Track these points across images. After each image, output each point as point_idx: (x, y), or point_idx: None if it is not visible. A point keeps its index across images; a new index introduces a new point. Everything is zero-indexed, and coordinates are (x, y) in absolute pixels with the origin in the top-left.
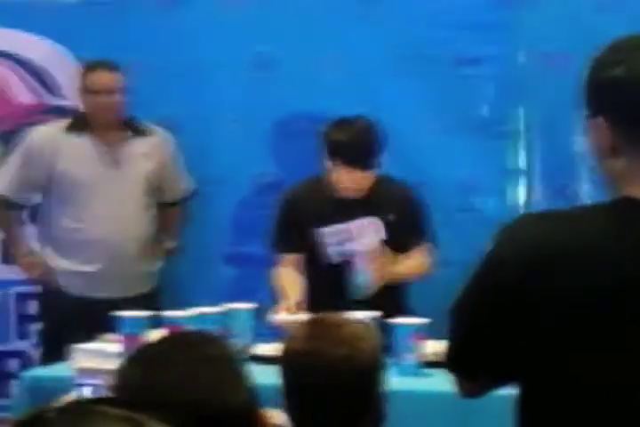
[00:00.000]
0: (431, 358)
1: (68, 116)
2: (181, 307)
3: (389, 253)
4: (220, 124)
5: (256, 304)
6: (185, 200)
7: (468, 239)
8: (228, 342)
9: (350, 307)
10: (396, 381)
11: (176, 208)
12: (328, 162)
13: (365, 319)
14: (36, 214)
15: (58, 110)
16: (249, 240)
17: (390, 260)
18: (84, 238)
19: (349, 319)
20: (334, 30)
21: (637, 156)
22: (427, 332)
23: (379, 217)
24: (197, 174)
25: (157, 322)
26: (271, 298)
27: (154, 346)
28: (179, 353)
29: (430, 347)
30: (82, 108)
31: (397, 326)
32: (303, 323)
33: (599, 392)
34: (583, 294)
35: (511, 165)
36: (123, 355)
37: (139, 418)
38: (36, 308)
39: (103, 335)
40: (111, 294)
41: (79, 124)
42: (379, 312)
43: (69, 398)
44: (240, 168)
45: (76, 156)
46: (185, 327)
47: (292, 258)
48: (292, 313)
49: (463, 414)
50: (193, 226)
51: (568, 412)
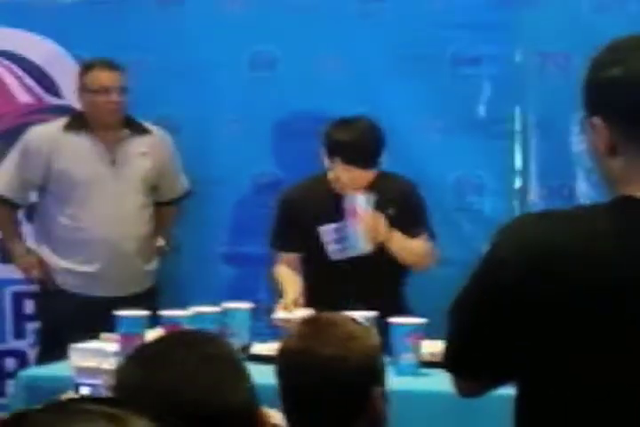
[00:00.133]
0: (428, 358)
1: (66, 116)
2: (180, 306)
3: (384, 220)
4: (220, 124)
5: (254, 304)
6: (180, 200)
7: (465, 239)
8: (227, 341)
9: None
10: (394, 381)
11: (171, 208)
12: (328, 161)
13: (363, 319)
14: (33, 213)
15: (57, 110)
16: (248, 240)
17: (386, 224)
18: (82, 237)
19: (346, 319)
20: (334, 30)
21: (636, 155)
22: (425, 332)
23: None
24: (197, 174)
25: (155, 321)
26: (270, 297)
27: (153, 345)
28: (178, 352)
29: (426, 347)
30: (81, 107)
31: (395, 325)
32: (300, 322)
33: (599, 392)
34: (583, 294)
35: (509, 164)
36: (120, 354)
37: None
38: (33, 307)
39: (101, 335)
40: (109, 293)
41: (77, 123)
42: (377, 312)
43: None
44: (239, 168)
45: (74, 155)
46: (183, 327)
47: (290, 257)
48: (289, 311)
49: (462, 413)
50: (192, 225)
51: (568, 412)
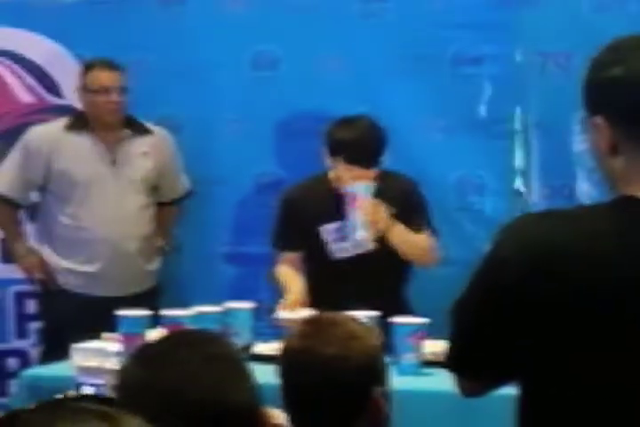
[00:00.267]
0: (430, 358)
1: (67, 116)
2: (181, 306)
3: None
4: (221, 124)
5: (256, 303)
6: (181, 200)
7: (466, 239)
8: (229, 340)
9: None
10: (395, 380)
11: (171, 208)
12: (330, 160)
13: (365, 319)
14: (35, 213)
15: (58, 109)
16: (250, 240)
17: (387, 213)
18: (83, 237)
19: (347, 319)
20: (336, 30)
21: (637, 155)
22: (427, 331)
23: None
24: (198, 174)
25: (157, 321)
26: (271, 297)
27: (155, 345)
28: (180, 352)
29: (428, 347)
30: (81, 106)
31: (397, 325)
32: (301, 321)
33: (600, 392)
34: (584, 294)
35: (510, 164)
36: (122, 354)
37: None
38: (35, 307)
39: (102, 334)
40: (111, 293)
41: (78, 123)
42: (378, 312)
43: None
44: (241, 168)
45: (75, 155)
46: (185, 326)
47: (291, 256)
48: (291, 311)
49: (464, 413)
50: (194, 225)
51: (569, 411)
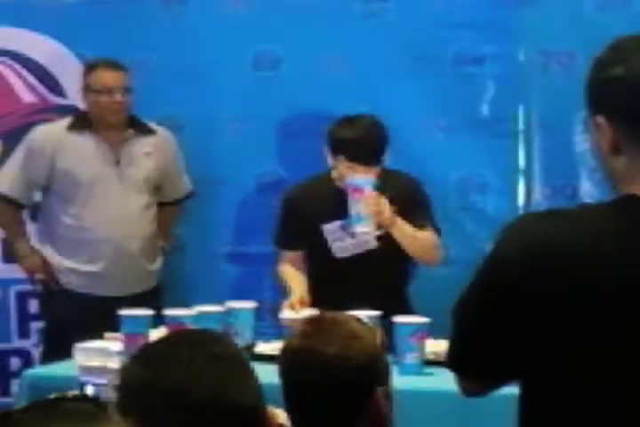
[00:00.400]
0: (431, 358)
1: (70, 116)
2: (184, 306)
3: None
4: (223, 124)
5: (258, 303)
6: (182, 200)
7: (468, 238)
8: (232, 340)
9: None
10: (397, 380)
11: (173, 208)
12: (332, 159)
13: (366, 318)
14: (37, 213)
15: (61, 109)
16: (251, 239)
17: (390, 208)
18: (86, 237)
19: (349, 318)
20: (337, 29)
21: (638, 154)
22: (428, 331)
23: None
24: (200, 174)
25: (159, 321)
26: (274, 297)
27: (158, 345)
28: (183, 352)
29: (430, 346)
30: (84, 106)
31: (399, 325)
32: (303, 320)
33: (602, 391)
34: (586, 293)
35: (512, 163)
36: (124, 354)
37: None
38: (37, 306)
39: (105, 334)
40: (113, 292)
41: (81, 123)
42: (380, 311)
43: None
44: (243, 167)
45: (78, 155)
46: (187, 326)
47: (294, 255)
48: (295, 310)
49: (466, 413)
50: (196, 225)
51: (571, 410)
